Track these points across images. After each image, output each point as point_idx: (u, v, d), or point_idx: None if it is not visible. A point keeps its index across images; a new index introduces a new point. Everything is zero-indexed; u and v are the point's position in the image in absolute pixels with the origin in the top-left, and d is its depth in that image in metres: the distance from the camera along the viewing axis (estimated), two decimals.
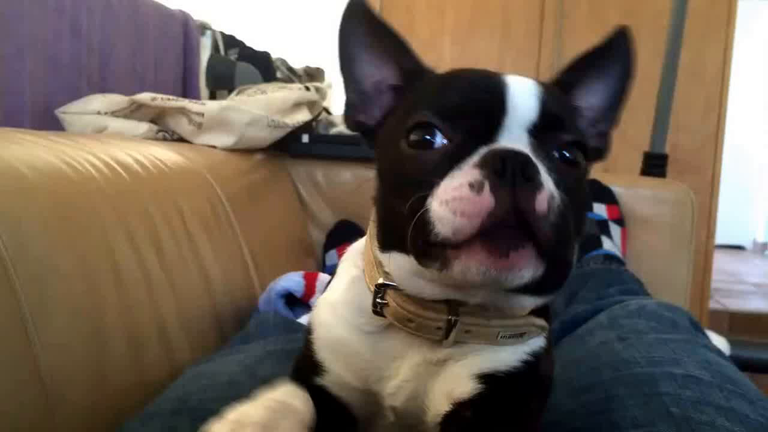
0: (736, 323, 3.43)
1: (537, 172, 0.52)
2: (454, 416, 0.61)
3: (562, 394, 0.82)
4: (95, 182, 1.02)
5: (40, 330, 0.80)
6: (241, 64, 2.29)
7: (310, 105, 2.04)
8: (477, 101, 0.57)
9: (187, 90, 2.21)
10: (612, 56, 0.67)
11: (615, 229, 1.77)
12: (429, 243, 0.53)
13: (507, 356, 0.63)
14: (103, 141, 1.24)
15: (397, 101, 0.68)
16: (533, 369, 0.64)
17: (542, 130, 0.56)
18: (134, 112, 1.64)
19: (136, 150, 1.25)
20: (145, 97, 1.63)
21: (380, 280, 0.63)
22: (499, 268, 0.51)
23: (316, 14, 3.26)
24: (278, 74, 2.58)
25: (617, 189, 1.87)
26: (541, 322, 0.65)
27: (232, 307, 1.35)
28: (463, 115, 0.57)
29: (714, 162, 3.15)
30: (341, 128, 2.04)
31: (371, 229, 0.68)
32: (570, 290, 1.58)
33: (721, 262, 4.39)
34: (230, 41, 2.43)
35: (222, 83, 2.24)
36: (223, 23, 2.48)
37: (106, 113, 1.58)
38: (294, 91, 1.97)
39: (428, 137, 0.57)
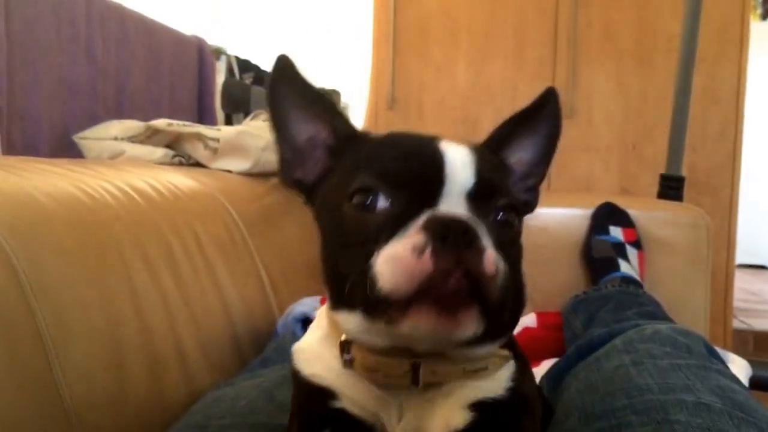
0: (761, 342, 3.39)
1: (477, 236, 0.54)
2: None
3: (577, 421, 0.83)
4: (112, 209, 1.03)
5: (61, 357, 0.81)
6: (256, 88, 2.31)
7: None
8: (417, 169, 0.59)
9: (203, 114, 2.22)
10: (541, 115, 0.71)
11: (632, 252, 1.76)
12: (375, 300, 0.54)
13: (490, 385, 0.65)
14: (119, 168, 1.25)
15: (333, 161, 0.68)
16: (517, 392, 0.65)
17: (478, 197, 0.59)
18: (150, 137, 1.65)
19: (151, 176, 1.26)
20: (161, 122, 1.64)
21: (343, 337, 0.64)
22: (442, 326, 0.54)
23: (331, 37, 3.29)
24: None
25: (633, 212, 1.86)
26: (503, 352, 0.66)
27: (251, 330, 1.34)
28: (404, 181, 0.58)
29: (732, 182, 3.13)
30: None
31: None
32: (588, 312, 1.57)
33: (743, 282, 4.35)
34: (245, 65, 2.45)
35: (238, 107, 2.26)
36: (238, 47, 2.50)
37: (122, 139, 1.59)
38: None
39: (371, 201, 0.58)
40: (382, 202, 0.58)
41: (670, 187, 2.09)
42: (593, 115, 3.22)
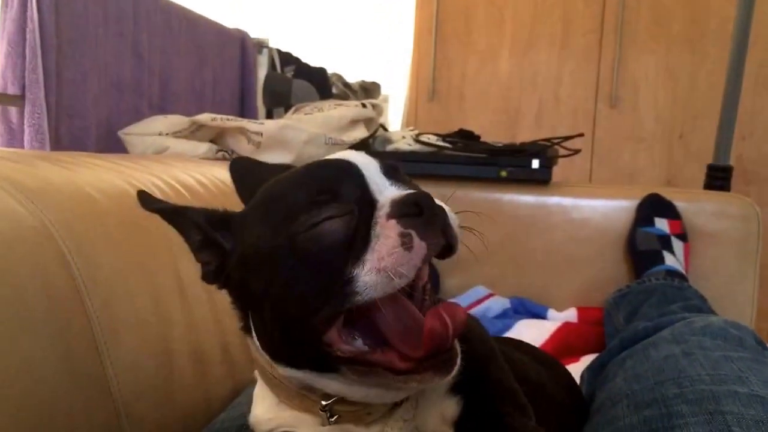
0: None
1: (434, 202, 0.56)
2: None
3: (625, 408, 0.83)
4: None
5: (110, 348, 0.82)
6: (298, 81, 2.31)
7: (367, 122, 2.05)
8: (345, 176, 0.59)
9: (245, 108, 2.24)
10: None
11: (678, 245, 1.73)
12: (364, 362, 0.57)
13: None
14: (165, 163, 1.27)
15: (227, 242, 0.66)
16: (469, 347, 0.64)
17: (391, 173, 0.60)
18: (194, 132, 1.67)
19: (196, 171, 1.27)
20: (205, 117, 1.66)
21: (323, 402, 0.63)
22: (442, 377, 0.56)
23: (371, 28, 3.28)
24: (334, 90, 2.60)
25: (680, 204, 1.82)
26: None
27: None
28: (340, 189, 0.58)
29: None
30: (398, 145, 2.05)
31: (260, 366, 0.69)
32: (631, 306, 1.55)
33: None
34: (286, 58, 2.46)
35: (279, 101, 2.27)
36: (279, 40, 2.51)
37: (167, 134, 1.61)
38: (351, 109, 1.99)
39: (326, 222, 0.56)
40: (337, 220, 0.56)
41: (718, 178, 2.05)
42: (639, 104, 3.17)
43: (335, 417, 0.63)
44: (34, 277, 0.74)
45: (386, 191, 0.58)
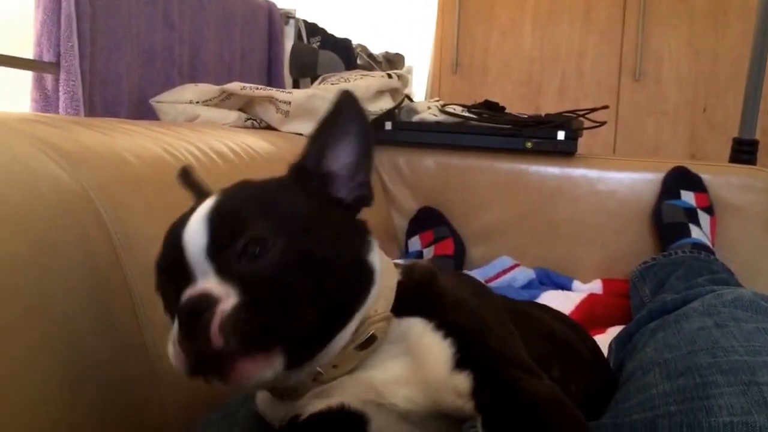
0: None
1: (200, 318, 0.56)
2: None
3: (657, 376, 0.82)
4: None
5: (146, 309, 0.84)
6: (324, 52, 2.32)
7: (393, 92, 2.05)
8: (168, 252, 0.63)
9: (272, 79, 2.25)
10: (344, 118, 0.71)
11: (704, 218, 1.73)
12: None
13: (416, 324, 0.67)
14: (198, 130, 1.28)
15: None
16: (461, 328, 0.67)
17: (218, 251, 0.60)
18: (224, 101, 1.69)
19: (229, 138, 1.29)
20: (234, 86, 1.67)
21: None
22: (235, 386, 0.59)
23: (395, 1, 3.27)
24: (359, 61, 2.61)
25: (706, 177, 1.82)
26: (377, 317, 0.67)
27: None
28: (165, 267, 0.63)
29: None
30: (423, 115, 2.05)
31: None
32: (658, 279, 1.55)
33: None
34: (312, 29, 2.46)
35: (305, 71, 2.27)
36: (305, 11, 2.51)
37: (198, 102, 1.63)
38: (377, 79, 1.99)
39: (160, 292, 0.64)
40: (163, 294, 0.63)
41: (743, 151, 2.04)
42: (662, 78, 3.15)
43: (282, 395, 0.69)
44: (75, 240, 0.76)
45: (197, 272, 0.60)
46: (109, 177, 0.88)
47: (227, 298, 0.57)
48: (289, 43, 2.34)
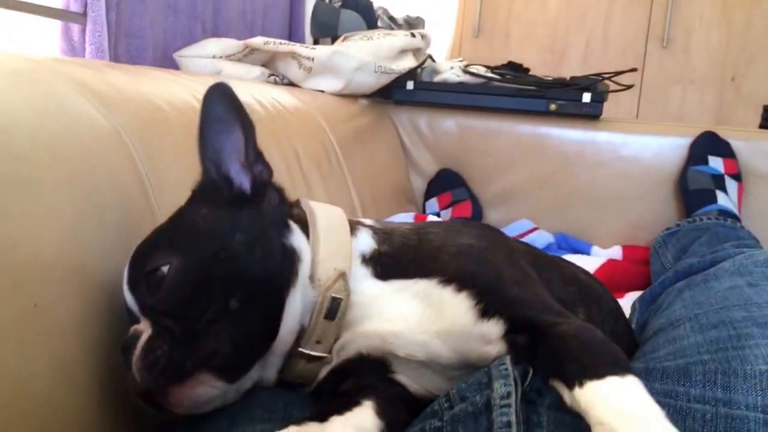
0: None
1: (128, 351, 0.62)
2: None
3: (689, 329, 0.81)
4: None
5: None
6: (345, 11, 2.29)
7: (415, 52, 2.03)
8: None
9: (293, 38, 2.24)
10: (218, 110, 0.73)
11: (731, 184, 1.71)
12: None
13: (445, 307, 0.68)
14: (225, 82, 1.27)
15: None
16: (475, 280, 0.68)
17: (136, 290, 0.65)
18: (247, 56, 1.68)
19: (256, 91, 1.29)
20: (258, 41, 1.66)
21: None
22: (186, 411, 0.63)
23: None
24: (379, 23, 2.58)
25: (735, 143, 1.80)
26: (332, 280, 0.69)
27: None
28: (126, 311, 0.67)
29: None
30: (445, 75, 2.04)
31: None
32: (681, 245, 1.54)
33: None
34: None
35: (326, 31, 2.25)
36: None
37: (221, 57, 1.62)
38: (400, 38, 1.97)
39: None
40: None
41: None
42: (691, 45, 3.09)
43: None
44: (109, 180, 0.77)
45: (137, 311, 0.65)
46: (141, 120, 0.88)
47: (145, 333, 0.62)
48: (310, 1, 2.32)
